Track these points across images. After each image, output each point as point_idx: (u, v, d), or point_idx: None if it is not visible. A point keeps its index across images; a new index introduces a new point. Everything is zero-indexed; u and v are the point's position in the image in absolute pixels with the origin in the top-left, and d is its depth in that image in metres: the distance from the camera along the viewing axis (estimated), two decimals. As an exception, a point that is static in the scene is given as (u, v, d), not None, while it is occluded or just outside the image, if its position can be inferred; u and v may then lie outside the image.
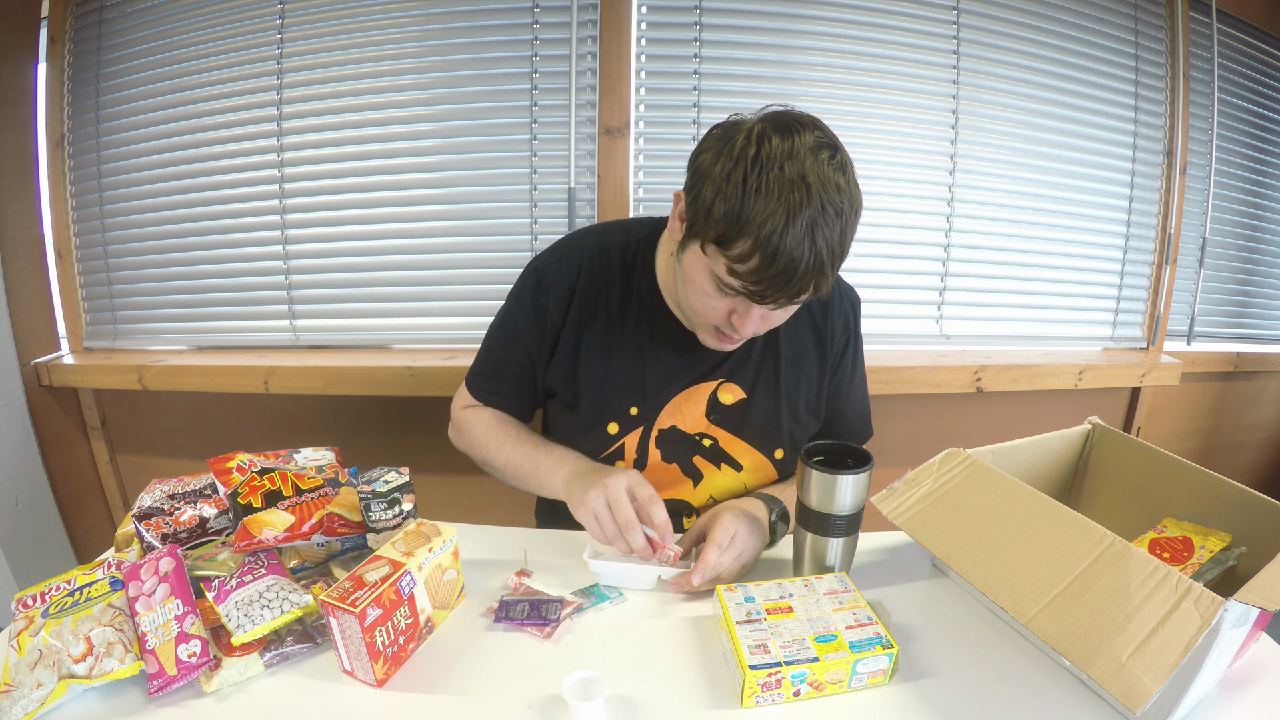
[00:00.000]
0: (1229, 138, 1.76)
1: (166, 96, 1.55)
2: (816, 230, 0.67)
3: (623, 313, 0.91)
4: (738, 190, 0.68)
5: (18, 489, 1.52)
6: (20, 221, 1.55)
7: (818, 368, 0.96)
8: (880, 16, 1.55)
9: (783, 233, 0.66)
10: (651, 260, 0.92)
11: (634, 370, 0.91)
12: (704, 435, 0.93)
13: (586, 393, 0.92)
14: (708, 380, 0.92)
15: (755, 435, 0.94)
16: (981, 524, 0.72)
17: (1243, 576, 0.60)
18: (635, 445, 0.93)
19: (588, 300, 0.91)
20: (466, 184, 1.57)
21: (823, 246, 0.68)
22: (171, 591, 0.66)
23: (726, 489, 0.96)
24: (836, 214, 0.68)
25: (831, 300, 0.96)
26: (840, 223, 0.69)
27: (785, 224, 0.66)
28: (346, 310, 1.63)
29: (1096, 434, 0.96)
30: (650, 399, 0.92)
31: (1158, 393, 1.80)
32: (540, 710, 0.62)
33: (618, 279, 0.92)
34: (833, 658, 0.63)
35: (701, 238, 0.73)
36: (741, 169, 0.68)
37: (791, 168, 0.67)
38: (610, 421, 0.92)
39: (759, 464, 0.95)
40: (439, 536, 0.73)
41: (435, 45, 1.52)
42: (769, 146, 0.68)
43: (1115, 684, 0.54)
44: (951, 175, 1.62)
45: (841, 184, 0.69)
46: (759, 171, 0.67)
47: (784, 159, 0.67)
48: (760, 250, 0.67)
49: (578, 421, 0.94)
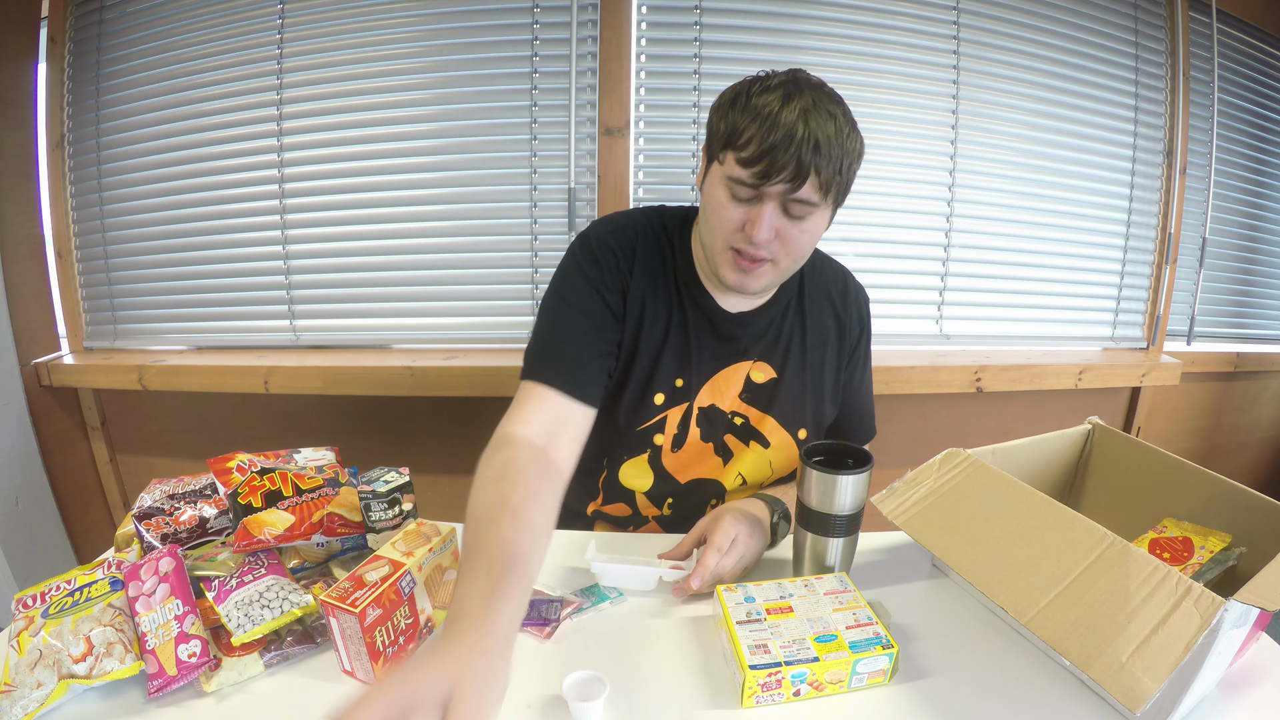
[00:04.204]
0: (1229, 138, 1.76)
1: (166, 96, 1.55)
2: (809, 117, 0.74)
3: (669, 288, 0.92)
4: (741, 104, 0.77)
5: (18, 489, 1.52)
6: (20, 221, 1.55)
7: (837, 354, 0.99)
8: (880, 16, 1.55)
9: (777, 115, 0.74)
10: (688, 241, 0.94)
11: (683, 342, 0.92)
12: (736, 414, 0.95)
13: (640, 359, 0.91)
14: (743, 360, 0.94)
15: (783, 414, 0.96)
16: (981, 524, 0.72)
17: (1243, 576, 0.60)
18: (677, 421, 0.94)
19: (646, 268, 0.91)
20: (466, 184, 1.57)
21: (816, 130, 0.74)
22: (171, 591, 0.66)
23: (754, 466, 0.98)
24: (830, 116, 0.75)
25: (849, 291, 1.00)
26: (836, 125, 0.75)
27: (781, 105, 0.74)
28: (346, 310, 1.63)
29: (1096, 434, 0.96)
30: (695, 372, 0.93)
31: (1158, 393, 1.80)
32: (540, 710, 0.62)
33: (666, 254, 0.93)
34: (833, 658, 0.63)
35: (714, 152, 0.81)
36: (744, 91, 0.78)
37: (789, 85, 0.77)
38: (658, 392, 0.92)
39: (785, 442, 0.97)
40: (439, 536, 0.73)
41: (435, 45, 1.52)
42: (768, 77, 0.78)
43: (1115, 684, 0.54)
44: (951, 175, 1.62)
45: (835, 109, 0.76)
46: (760, 88, 0.77)
47: (781, 82, 0.77)
48: (758, 128, 0.74)
49: (625, 389, 0.91)
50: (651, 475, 0.96)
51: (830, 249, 1.05)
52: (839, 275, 1.02)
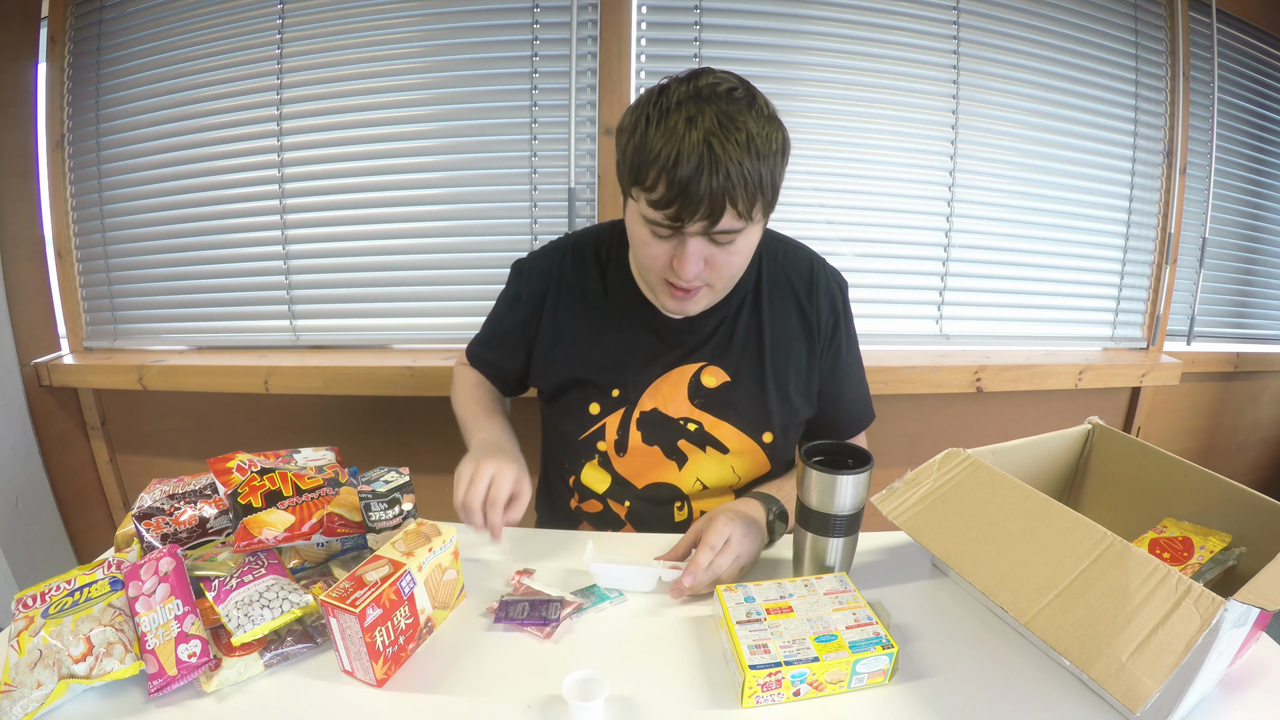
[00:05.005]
0: (1229, 138, 1.76)
1: (166, 96, 1.55)
2: (715, 148, 0.68)
3: (599, 302, 0.95)
4: (643, 132, 0.72)
5: (18, 489, 1.52)
6: (20, 221, 1.55)
7: (807, 351, 0.96)
8: (880, 17, 1.55)
9: (679, 154, 0.68)
10: (625, 254, 0.95)
11: (614, 353, 0.94)
12: (688, 420, 0.94)
13: (567, 376, 0.96)
14: (688, 363, 0.94)
15: (742, 419, 0.95)
16: (981, 524, 0.72)
17: (1243, 576, 0.60)
18: (616, 426, 0.94)
19: (565, 290, 0.96)
20: (466, 184, 1.57)
21: (725, 164, 0.69)
22: (171, 591, 0.66)
23: (714, 472, 0.97)
24: (741, 136, 0.69)
25: (817, 282, 0.97)
26: (749, 147, 0.69)
27: (681, 146, 0.68)
28: (346, 310, 1.63)
29: (1096, 434, 0.96)
30: (631, 380, 0.94)
31: (1158, 393, 1.80)
32: (540, 710, 0.62)
33: (593, 271, 0.96)
34: (833, 658, 0.63)
35: (626, 186, 0.78)
36: (644, 113, 0.73)
37: (689, 103, 0.70)
38: (592, 402, 0.95)
39: (746, 447, 0.96)
40: (439, 536, 0.73)
41: (435, 45, 1.52)
42: (669, 92, 0.72)
43: (1115, 684, 0.54)
44: (951, 175, 1.62)
45: (745, 114, 0.71)
46: (659, 111, 0.71)
47: (683, 98, 0.71)
48: (664, 174, 0.70)
49: (561, 408, 0.97)
50: (608, 477, 0.98)
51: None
52: (803, 264, 0.97)
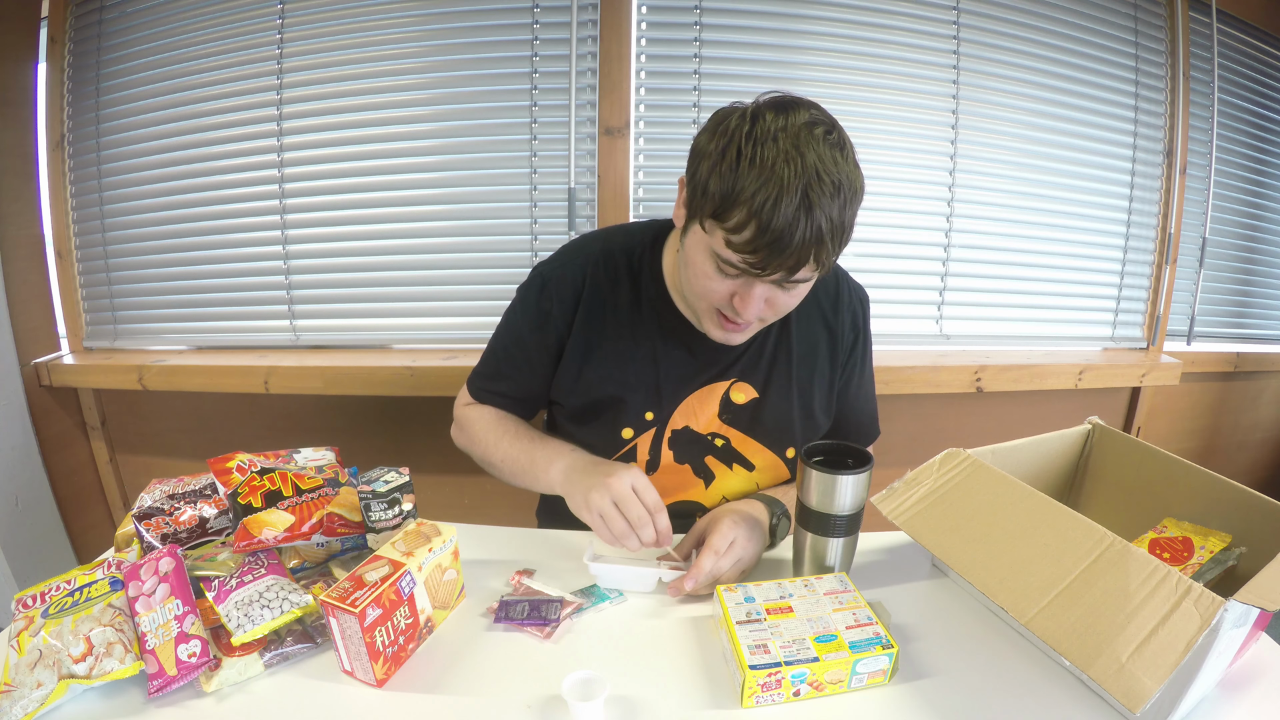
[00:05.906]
0: (1229, 138, 1.76)
1: (166, 96, 1.55)
2: (812, 198, 0.66)
3: (632, 316, 0.90)
4: (732, 163, 0.68)
5: (18, 489, 1.52)
6: (20, 221, 1.55)
7: (829, 364, 0.96)
8: (880, 16, 1.55)
9: (777, 200, 0.66)
10: (658, 262, 0.91)
11: (648, 374, 0.90)
12: (716, 435, 0.93)
13: (599, 396, 0.91)
14: (720, 380, 0.92)
15: (767, 435, 0.93)
16: (981, 524, 0.72)
17: (1243, 576, 0.60)
18: (648, 446, 0.92)
19: (595, 305, 0.90)
20: (466, 184, 1.57)
21: (819, 217, 0.67)
22: (171, 591, 0.66)
23: (739, 490, 0.96)
24: (834, 186, 0.67)
25: (841, 296, 0.96)
26: (839, 197, 0.68)
27: (779, 192, 0.66)
28: (346, 310, 1.63)
29: (1096, 434, 0.96)
30: (665, 401, 0.91)
31: (1158, 393, 1.80)
32: (540, 710, 0.62)
33: (625, 282, 0.91)
34: (833, 658, 0.63)
35: (700, 215, 0.73)
36: (736, 143, 0.68)
37: (785, 140, 0.67)
38: (625, 427, 0.91)
39: (771, 463, 0.95)
40: (439, 536, 0.73)
41: (435, 45, 1.52)
42: (764, 123, 0.68)
43: (1115, 684, 0.54)
44: (951, 175, 1.62)
45: (839, 159, 0.68)
46: (753, 144, 0.67)
47: (778, 133, 0.67)
48: (755, 218, 0.67)
49: (590, 428, 0.93)
50: None
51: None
52: (829, 277, 0.96)
